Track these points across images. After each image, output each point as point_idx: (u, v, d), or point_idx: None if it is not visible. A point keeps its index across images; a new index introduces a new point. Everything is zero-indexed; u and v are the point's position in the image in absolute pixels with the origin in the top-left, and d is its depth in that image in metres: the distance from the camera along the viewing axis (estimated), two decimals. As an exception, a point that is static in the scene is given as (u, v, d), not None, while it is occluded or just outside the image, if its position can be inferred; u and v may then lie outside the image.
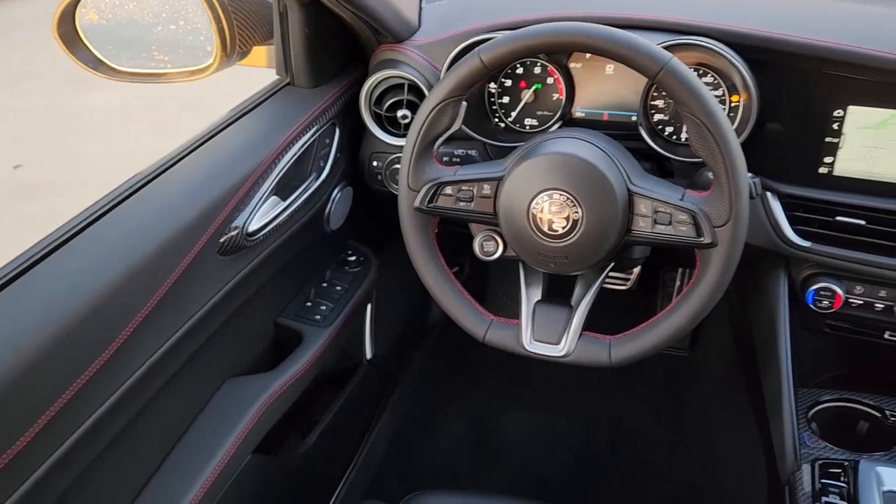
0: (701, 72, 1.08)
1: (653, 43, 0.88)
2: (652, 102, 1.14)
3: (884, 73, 0.97)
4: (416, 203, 1.01)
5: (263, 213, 1.10)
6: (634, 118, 1.14)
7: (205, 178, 1.03)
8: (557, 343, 1.00)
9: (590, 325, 1.01)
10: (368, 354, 1.57)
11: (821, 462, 1.04)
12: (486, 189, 1.00)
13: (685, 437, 1.77)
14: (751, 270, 1.22)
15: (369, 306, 1.51)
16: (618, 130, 1.12)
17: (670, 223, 0.92)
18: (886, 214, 1.04)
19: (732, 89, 1.07)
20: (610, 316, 1.10)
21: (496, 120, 1.25)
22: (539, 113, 1.23)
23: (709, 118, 0.86)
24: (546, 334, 1.01)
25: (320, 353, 1.26)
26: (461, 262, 1.85)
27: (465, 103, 1.01)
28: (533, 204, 0.95)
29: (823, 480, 1.02)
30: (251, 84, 1.28)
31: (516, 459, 1.78)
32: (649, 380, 1.91)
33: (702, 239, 0.90)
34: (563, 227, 0.95)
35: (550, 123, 1.22)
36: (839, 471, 1.02)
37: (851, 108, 1.03)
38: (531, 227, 0.96)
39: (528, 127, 1.23)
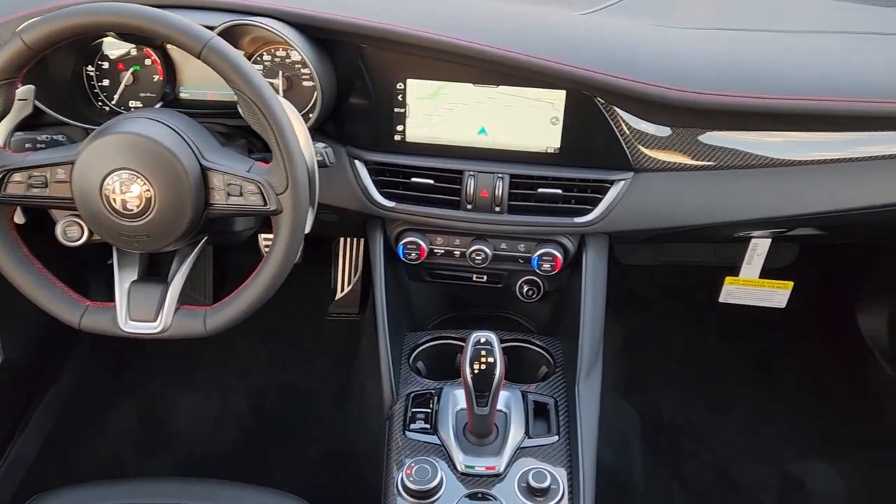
0: (264, 52, 1.15)
1: (194, 23, 0.91)
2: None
3: (429, 50, 1.11)
4: None
5: None
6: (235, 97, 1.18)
7: None
8: (154, 320, 1.02)
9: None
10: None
11: (413, 394, 1.19)
12: (61, 173, 0.97)
13: (351, 394, 1.90)
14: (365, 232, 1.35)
15: None
16: (222, 109, 1.16)
17: (241, 194, 0.97)
18: (449, 173, 1.21)
19: (296, 68, 1.15)
20: None
21: (99, 104, 1.22)
22: (142, 95, 1.22)
23: (254, 94, 0.92)
24: (142, 313, 1.02)
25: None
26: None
27: (31, 87, 0.96)
28: (105, 185, 0.95)
29: (413, 409, 1.17)
30: None
31: (184, 441, 1.78)
32: (327, 349, 2.01)
33: (268, 206, 0.96)
34: (138, 206, 0.96)
35: (152, 105, 1.21)
36: (426, 399, 1.18)
37: (410, 82, 1.17)
38: (106, 208, 0.96)
39: (133, 110, 1.22)
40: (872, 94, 1.09)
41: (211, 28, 1.06)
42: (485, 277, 1.37)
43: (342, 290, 2.06)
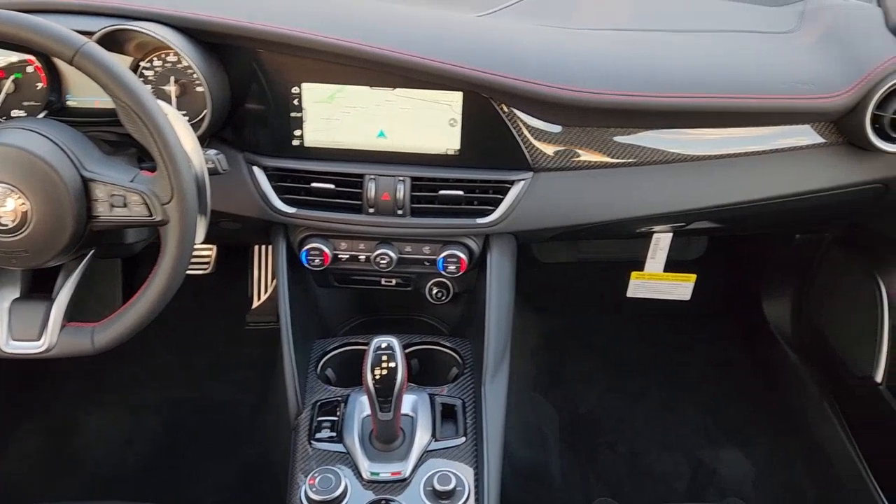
0: (154, 57, 1.11)
1: (66, 28, 0.87)
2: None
3: (322, 53, 1.10)
4: None
5: None
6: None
7: None
8: (38, 339, 0.97)
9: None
10: None
11: (320, 402, 1.18)
12: None
13: (269, 405, 1.86)
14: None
15: None
16: (110, 117, 1.11)
17: (126, 205, 0.94)
18: (349, 177, 1.19)
19: (189, 73, 1.12)
20: None
21: None
22: (25, 104, 1.17)
23: (132, 100, 0.89)
24: (25, 332, 0.97)
25: None
26: None
27: None
28: None
29: (319, 418, 1.15)
30: None
31: (92, 462, 1.71)
32: (246, 359, 1.96)
33: (154, 217, 0.93)
34: (13, 221, 0.91)
35: (36, 114, 1.16)
36: (332, 407, 1.16)
37: (305, 85, 1.15)
38: None
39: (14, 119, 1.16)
40: (752, 90, 1.13)
41: (90, 33, 1.02)
42: (393, 281, 1.36)
43: (259, 298, 2.03)
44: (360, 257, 1.28)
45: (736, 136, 1.21)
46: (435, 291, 1.37)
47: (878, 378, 1.43)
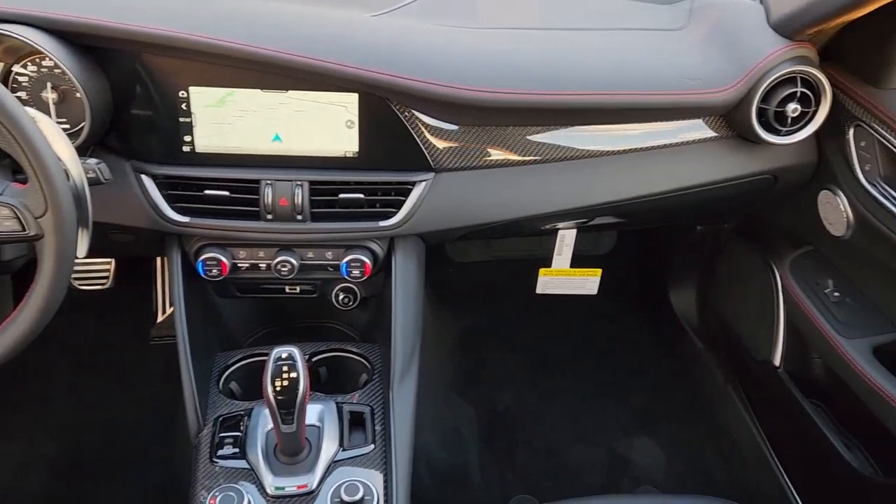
0: (28, 62, 1.05)
1: None
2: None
3: (209, 55, 1.06)
4: None
5: None
6: None
7: None
8: None
9: None
10: None
11: (222, 418, 1.13)
12: None
13: (177, 422, 1.79)
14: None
15: None
16: None
17: None
18: (244, 183, 1.15)
19: (66, 78, 1.04)
20: None
21: None
22: None
23: None
24: None
25: None
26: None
27: None
28: None
29: (221, 434, 1.11)
30: None
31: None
32: (151, 376, 1.88)
33: (27, 232, 0.87)
34: None
35: None
36: (235, 422, 1.12)
37: (193, 89, 1.10)
38: None
39: None
40: (643, 87, 1.15)
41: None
42: (298, 289, 1.33)
43: (164, 311, 1.94)
44: (261, 265, 1.24)
45: (635, 131, 1.24)
46: (342, 297, 1.34)
47: (777, 362, 1.49)
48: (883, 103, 1.14)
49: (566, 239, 1.47)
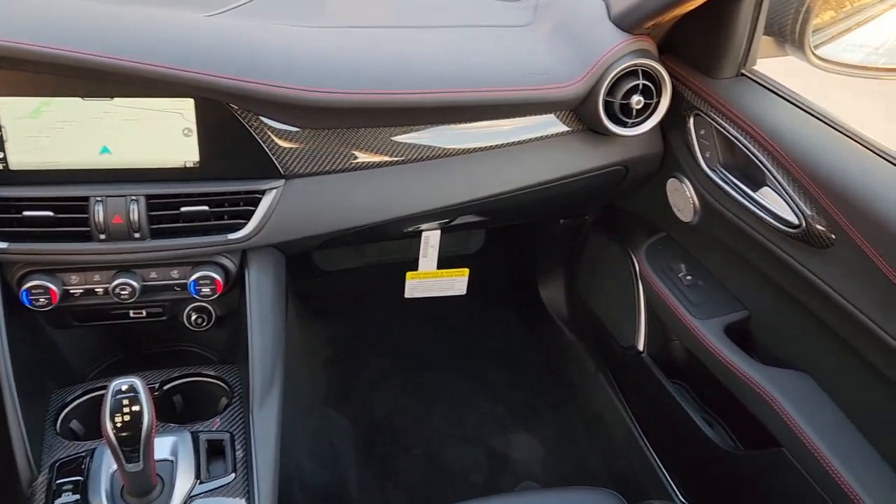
0: None
1: None
2: None
3: (15, 62, 0.95)
4: None
5: None
6: None
7: None
8: None
9: None
10: None
11: (59, 463, 1.02)
12: None
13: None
14: None
15: None
16: None
17: None
18: (70, 201, 1.05)
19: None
20: None
21: None
22: None
23: None
24: None
25: None
26: None
27: None
28: None
29: (59, 480, 1.00)
30: None
31: None
32: None
33: None
34: None
35: None
36: (76, 465, 1.02)
37: (2, 100, 0.99)
38: None
39: None
40: (492, 83, 1.14)
41: None
42: (143, 312, 1.23)
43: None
44: (97, 290, 1.13)
45: (491, 128, 1.23)
46: (194, 317, 1.25)
47: (641, 347, 1.53)
48: (717, 92, 1.19)
49: (431, 240, 1.45)
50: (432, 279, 1.55)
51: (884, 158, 1.01)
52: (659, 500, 1.45)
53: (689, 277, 1.38)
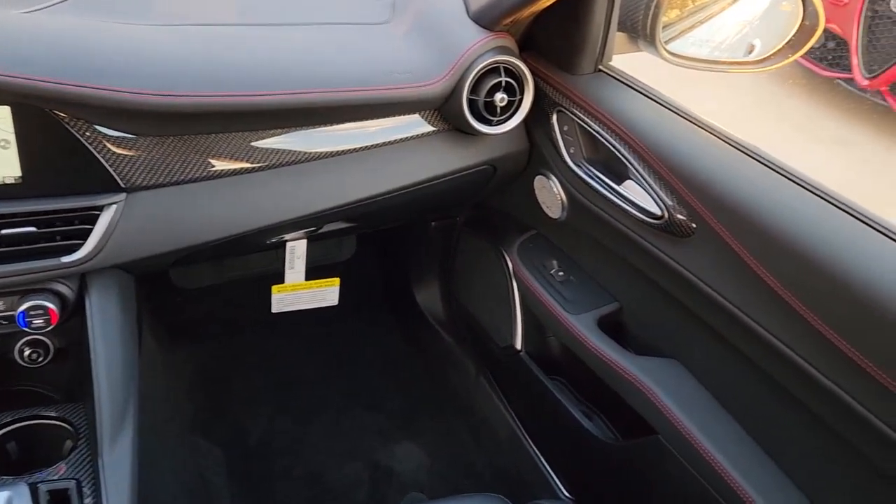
0: None
1: None
2: None
3: None
4: None
5: None
6: None
7: None
8: None
9: None
10: None
11: None
12: None
13: None
14: None
15: None
16: None
17: None
18: None
19: None
20: None
21: None
22: None
23: None
24: None
25: None
26: None
27: None
28: None
29: None
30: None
31: None
32: None
33: None
34: None
35: None
36: None
37: None
38: None
39: None
40: (351, 83, 1.09)
41: None
42: (-36, 351, 1.08)
43: None
44: None
45: (356, 130, 1.17)
46: (27, 353, 1.11)
47: (518, 346, 1.53)
48: (577, 88, 1.20)
49: (297, 251, 1.37)
50: (301, 291, 1.48)
51: (734, 147, 1.05)
52: (546, 499, 1.45)
53: (561, 273, 1.39)
